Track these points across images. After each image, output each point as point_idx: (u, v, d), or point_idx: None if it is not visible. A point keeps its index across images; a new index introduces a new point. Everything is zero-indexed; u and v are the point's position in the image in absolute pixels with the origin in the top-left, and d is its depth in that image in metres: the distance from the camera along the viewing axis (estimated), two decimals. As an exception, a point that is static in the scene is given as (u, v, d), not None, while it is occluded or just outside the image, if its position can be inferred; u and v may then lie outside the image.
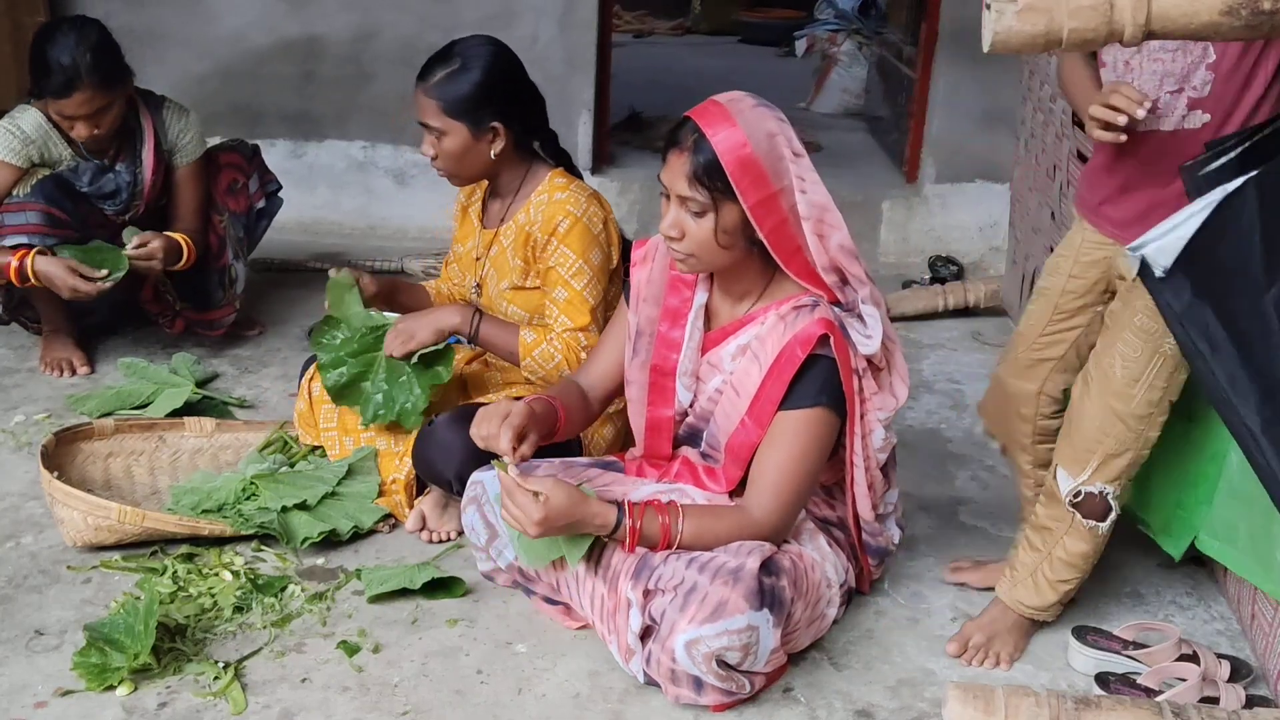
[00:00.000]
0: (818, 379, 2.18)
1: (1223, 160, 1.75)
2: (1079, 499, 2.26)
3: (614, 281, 2.76)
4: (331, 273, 2.81)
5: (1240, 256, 1.66)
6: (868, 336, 2.20)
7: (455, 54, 2.65)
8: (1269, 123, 1.80)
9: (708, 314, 2.34)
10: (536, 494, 2.09)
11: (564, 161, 2.84)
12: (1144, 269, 1.73)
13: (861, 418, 2.24)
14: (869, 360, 2.23)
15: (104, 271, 3.21)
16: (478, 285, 2.88)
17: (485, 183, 2.85)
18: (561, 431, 2.37)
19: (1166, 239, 1.70)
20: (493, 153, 2.68)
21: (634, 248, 2.45)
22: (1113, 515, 2.26)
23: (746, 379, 2.24)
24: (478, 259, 2.87)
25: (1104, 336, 2.24)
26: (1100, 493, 2.24)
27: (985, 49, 1.50)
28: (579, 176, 2.82)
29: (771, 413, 2.20)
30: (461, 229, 2.96)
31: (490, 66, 2.65)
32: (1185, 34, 1.43)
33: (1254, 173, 1.65)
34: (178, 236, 3.40)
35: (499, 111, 2.65)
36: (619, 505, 2.16)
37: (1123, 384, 2.18)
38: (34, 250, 3.20)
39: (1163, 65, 2.11)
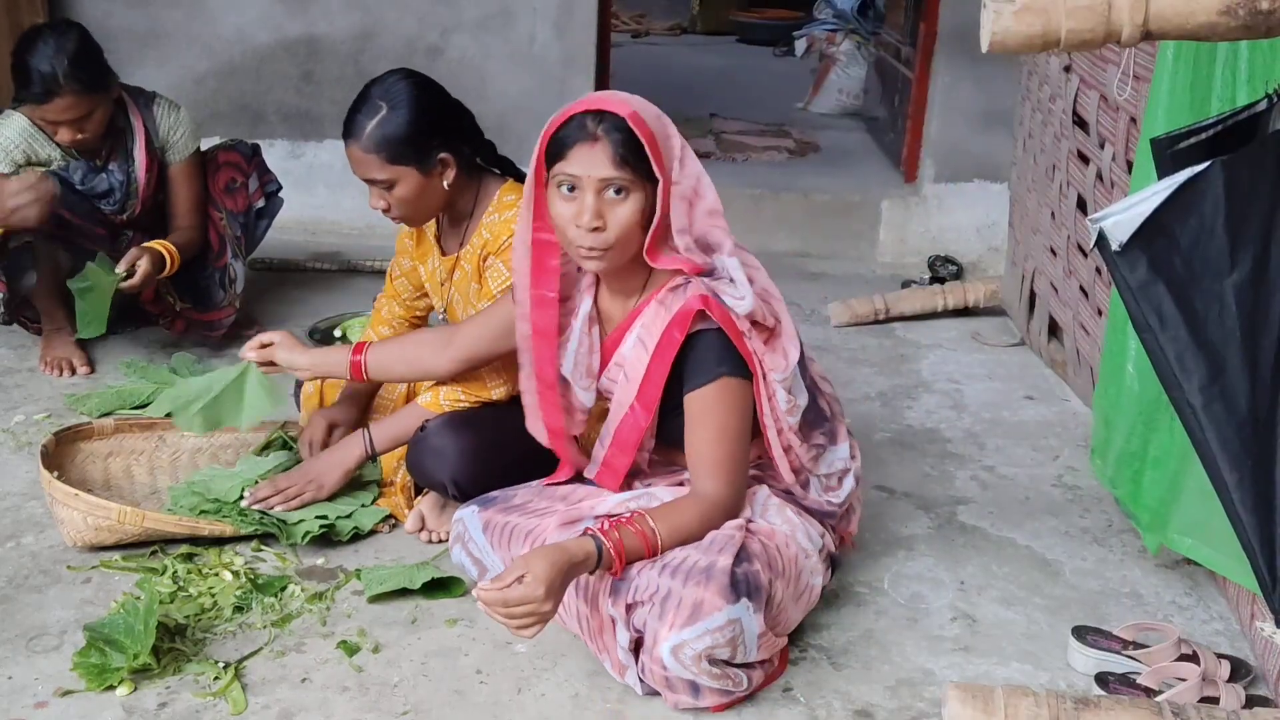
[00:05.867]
0: (711, 351, 2.18)
1: (1193, 140, 1.75)
2: None
3: None
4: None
5: (1201, 238, 1.67)
6: (739, 297, 2.18)
7: (376, 99, 2.55)
8: (1246, 108, 1.79)
9: (602, 319, 2.34)
10: (521, 579, 1.97)
11: (510, 169, 2.76)
12: (1101, 241, 1.73)
13: (764, 378, 2.23)
14: (758, 323, 2.21)
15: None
16: (444, 311, 2.84)
17: None
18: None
19: (1126, 214, 1.70)
20: (445, 184, 2.60)
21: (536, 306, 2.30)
22: None
23: (637, 365, 2.25)
24: (442, 284, 2.80)
25: None
26: None
27: (984, 49, 1.50)
28: None
29: (657, 397, 2.22)
30: (419, 248, 2.85)
31: (418, 99, 2.56)
32: (1182, 34, 1.43)
33: (1221, 158, 1.65)
34: (157, 246, 3.36)
35: (442, 142, 2.57)
36: (592, 536, 2.09)
37: None
38: None
39: None
